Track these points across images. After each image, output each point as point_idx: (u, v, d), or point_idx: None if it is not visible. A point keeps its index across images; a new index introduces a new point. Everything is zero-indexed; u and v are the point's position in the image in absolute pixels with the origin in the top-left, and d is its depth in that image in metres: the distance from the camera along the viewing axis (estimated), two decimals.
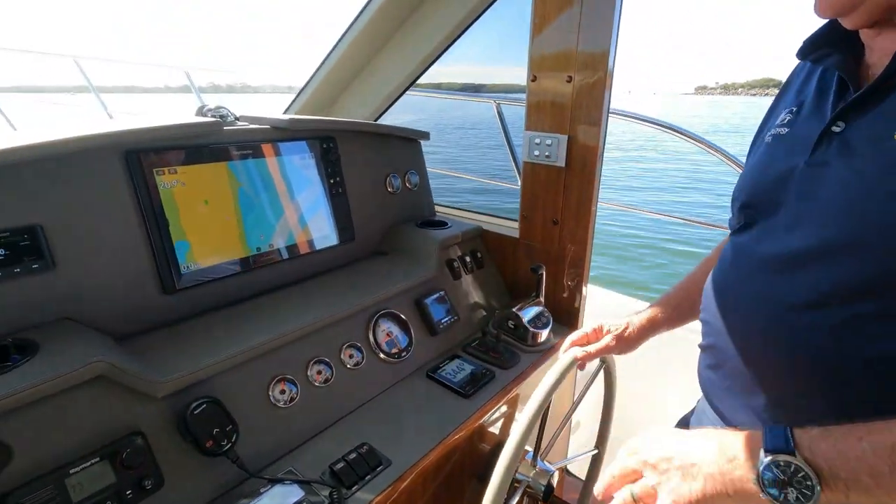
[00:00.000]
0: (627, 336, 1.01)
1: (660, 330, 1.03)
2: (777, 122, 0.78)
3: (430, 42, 1.75)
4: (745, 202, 0.79)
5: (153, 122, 1.04)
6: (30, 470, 0.71)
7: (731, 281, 0.78)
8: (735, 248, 0.79)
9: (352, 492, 0.89)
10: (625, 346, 1.02)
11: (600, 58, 1.26)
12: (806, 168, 0.67)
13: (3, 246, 0.84)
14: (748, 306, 0.72)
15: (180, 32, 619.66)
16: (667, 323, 1.02)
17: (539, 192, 1.48)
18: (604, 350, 1.00)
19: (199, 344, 0.97)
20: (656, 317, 1.02)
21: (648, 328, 1.02)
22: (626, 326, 1.02)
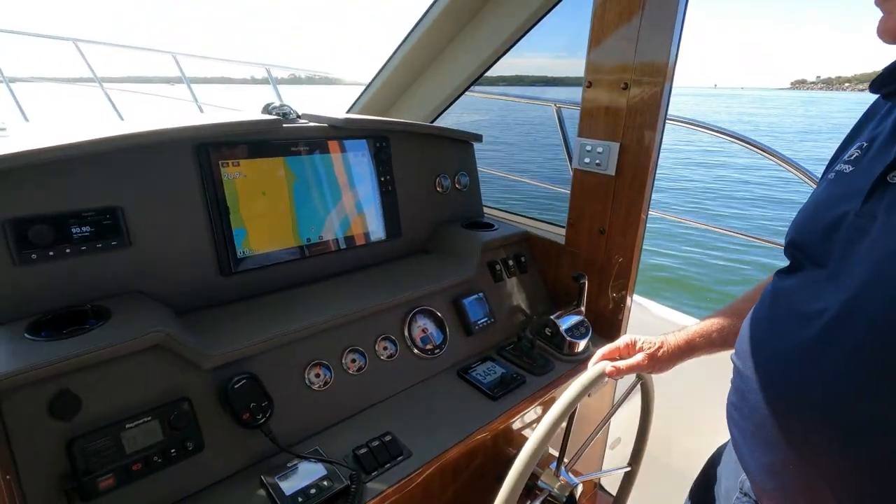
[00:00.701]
0: (660, 356, 0.97)
1: (696, 354, 0.98)
2: (845, 156, 0.72)
3: (488, 46, 1.77)
4: (793, 242, 0.74)
5: (222, 118, 1.14)
6: (94, 420, 0.81)
7: (765, 332, 0.74)
8: (775, 295, 0.75)
9: (371, 477, 0.93)
10: (656, 366, 0.98)
11: (659, 67, 1.22)
12: (855, 218, 0.63)
13: (90, 224, 0.96)
14: (778, 365, 0.69)
15: (270, 28, 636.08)
16: (705, 348, 0.97)
17: (587, 200, 1.46)
18: (634, 367, 0.97)
19: (246, 324, 1.05)
20: (694, 340, 0.97)
21: (685, 351, 0.98)
22: (661, 346, 0.98)
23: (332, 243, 1.33)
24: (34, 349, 0.80)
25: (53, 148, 0.90)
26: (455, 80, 1.89)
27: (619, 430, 2.02)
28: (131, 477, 0.81)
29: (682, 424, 2.06)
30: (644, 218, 1.37)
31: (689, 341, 0.98)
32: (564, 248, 1.56)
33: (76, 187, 0.95)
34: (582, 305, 1.44)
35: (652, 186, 1.34)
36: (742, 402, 0.76)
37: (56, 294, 0.93)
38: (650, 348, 0.98)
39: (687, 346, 0.97)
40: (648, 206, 1.36)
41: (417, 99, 2.02)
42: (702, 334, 0.97)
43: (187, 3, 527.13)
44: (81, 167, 0.95)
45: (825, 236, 0.67)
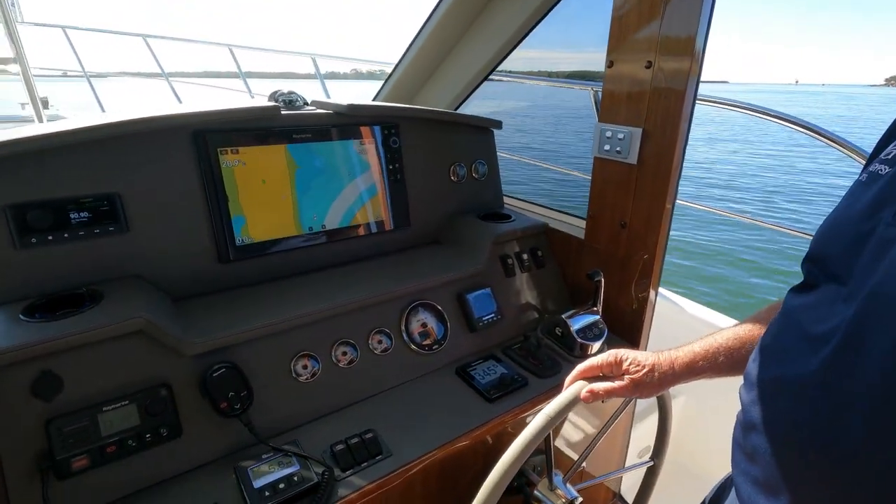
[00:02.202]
0: (647, 382, 0.84)
1: (700, 377, 0.85)
2: (883, 154, 0.60)
3: (508, 28, 1.67)
4: (812, 255, 0.63)
5: (219, 105, 1.14)
6: (73, 401, 0.84)
7: (770, 359, 0.63)
8: (786, 314, 0.63)
9: (345, 475, 0.90)
10: (643, 392, 0.85)
11: (686, 42, 1.09)
12: (885, 228, 0.52)
13: (87, 209, 0.99)
14: (783, 400, 0.58)
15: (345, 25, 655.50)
16: (709, 372, 0.84)
17: (608, 190, 1.34)
18: (614, 392, 0.84)
19: (237, 312, 1.05)
20: (696, 364, 0.84)
21: (681, 374, 0.84)
22: (650, 369, 0.84)
23: (335, 232, 1.31)
24: (23, 330, 0.83)
25: (51, 134, 0.93)
26: (477, 66, 1.81)
27: (644, 440, 1.90)
28: (105, 459, 0.83)
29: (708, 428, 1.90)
30: (669, 210, 1.24)
31: (688, 364, 0.84)
32: (584, 242, 1.45)
33: (75, 173, 0.98)
34: (598, 305, 1.33)
35: (678, 176, 1.21)
36: (746, 441, 0.65)
37: (55, 278, 0.97)
38: (636, 371, 0.84)
39: (685, 370, 0.84)
40: (674, 197, 1.23)
41: (442, 85, 1.95)
42: (706, 357, 0.83)
43: None
44: (80, 154, 0.98)
45: (849, 249, 0.56)
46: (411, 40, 1.88)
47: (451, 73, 1.93)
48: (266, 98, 1.29)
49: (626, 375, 0.85)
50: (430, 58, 1.89)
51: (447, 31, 1.79)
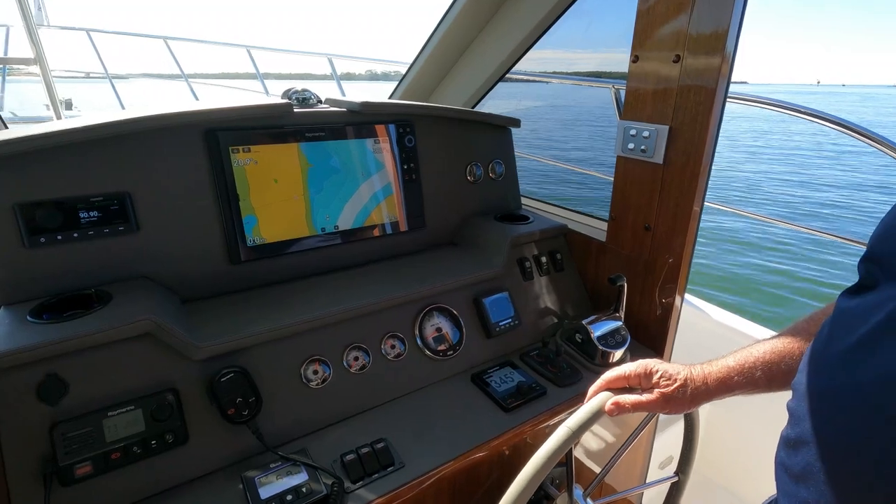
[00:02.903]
0: (679, 397, 0.78)
1: (734, 394, 0.79)
2: None
3: (525, 26, 1.62)
4: (871, 253, 0.57)
5: (231, 102, 1.11)
6: (78, 406, 0.81)
7: (826, 364, 0.57)
8: (839, 318, 0.57)
9: (355, 486, 0.87)
10: (673, 408, 0.79)
11: (717, 36, 1.03)
12: None
13: (97, 209, 0.97)
14: (837, 414, 0.52)
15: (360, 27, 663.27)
16: (746, 387, 0.78)
17: (631, 191, 1.28)
18: (642, 406, 0.79)
19: (248, 315, 1.02)
20: (731, 379, 0.78)
21: (715, 391, 0.78)
22: (683, 384, 0.78)
23: (348, 233, 1.27)
24: (30, 332, 0.81)
25: (61, 132, 0.91)
26: (494, 64, 1.76)
27: (668, 450, 1.83)
28: (109, 466, 0.80)
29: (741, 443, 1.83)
30: (697, 212, 1.18)
31: (723, 380, 0.78)
32: (606, 245, 1.40)
33: (85, 172, 0.96)
34: (620, 311, 1.28)
35: (707, 177, 1.15)
36: (794, 460, 0.59)
37: (63, 278, 0.95)
38: (667, 385, 0.78)
39: (718, 386, 0.78)
40: (703, 199, 1.17)
41: (457, 85, 1.92)
42: (742, 372, 0.77)
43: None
44: (90, 152, 0.96)
45: None
46: (427, 39, 1.84)
47: (467, 72, 1.89)
48: (280, 96, 1.26)
49: (655, 389, 0.79)
50: (446, 57, 1.85)
51: (463, 30, 1.76)
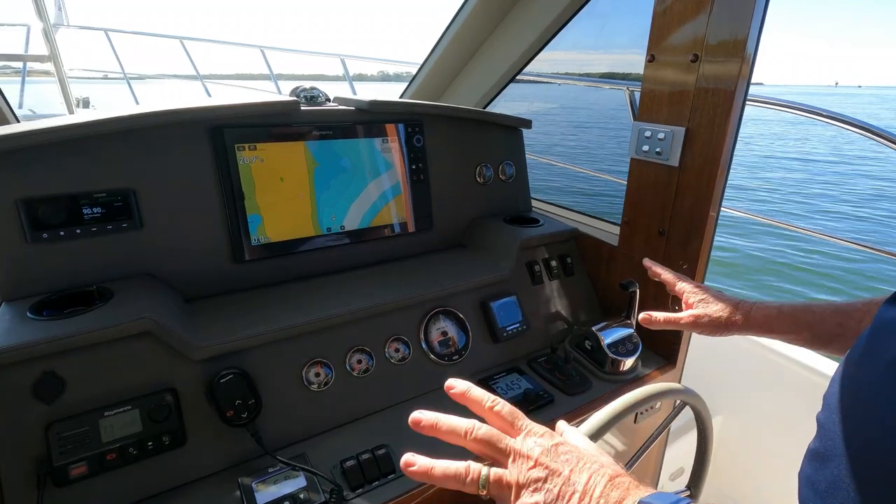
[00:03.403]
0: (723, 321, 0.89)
1: (774, 336, 0.86)
2: None
3: (537, 27, 1.60)
4: None
5: (237, 99, 1.10)
6: (74, 405, 0.80)
7: (860, 377, 0.53)
8: (878, 329, 0.52)
9: (355, 494, 0.84)
10: (706, 329, 0.91)
11: (737, 37, 0.99)
12: None
13: (101, 205, 0.96)
14: (875, 432, 0.48)
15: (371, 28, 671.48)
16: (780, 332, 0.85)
17: (645, 194, 1.25)
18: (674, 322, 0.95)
19: (250, 315, 1.01)
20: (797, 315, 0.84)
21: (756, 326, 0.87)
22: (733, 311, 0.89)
23: (355, 234, 1.25)
24: (28, 328, 0.80)
25: (64, 127, 0.90)
26: (506, 64, 1.73)
27: (681, 460, 1.78)
28: (104, 467, 0.79)
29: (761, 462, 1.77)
30: (714, 217, 1.14)
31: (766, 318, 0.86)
32: (618, 250, 1.36)
33: (89, 168, 0.95)
34: (632, 318, 1.24)
35: (725, 181, 1.11)
36: (820, 474, 0.55)
37: (66, 274, 0.94)
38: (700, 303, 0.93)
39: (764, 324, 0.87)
40: (720, 204, 1.13)
41: (468, 85, 1.89)
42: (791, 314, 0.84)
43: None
44: (94, 147, 0.95)
45: None
46: (438, 39, 1.82)
47: (478, 73, 1.87)
48: (288, 94, 1.25)
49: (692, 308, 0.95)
50: (457, 57, 1.83)
51: (474, 30, 1.73)
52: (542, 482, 0.48)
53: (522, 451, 0.51)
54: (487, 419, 0.56)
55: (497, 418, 0.55)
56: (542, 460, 0.49)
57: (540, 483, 0.48)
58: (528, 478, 0.49)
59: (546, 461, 0.49)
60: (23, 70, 4.74)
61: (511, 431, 0.54)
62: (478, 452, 0.53)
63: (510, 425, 0.54)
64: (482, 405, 0.57)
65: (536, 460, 0.50)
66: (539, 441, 0.52)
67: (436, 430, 0.54)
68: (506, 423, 0.55)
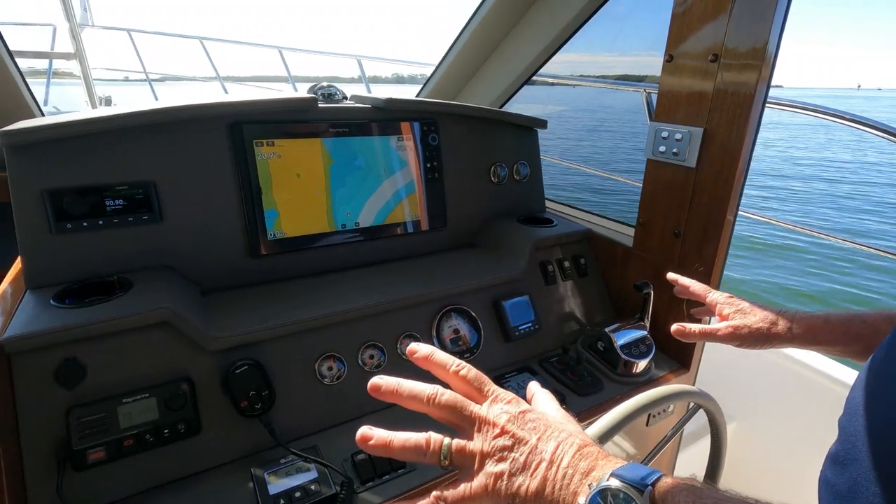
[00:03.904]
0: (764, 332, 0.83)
1: (820, 348, 0.82)
2: None
3: (553, 28, 1.59)
4: None
5: (256, 95, 1.12)
6: (94, 391, 0.82)
7: (883, 381, 0.52)
8: None
9: (365, 487, 0.85)
10: (746, 342, 0.85)
11: (758, 36, 0.98)
12: None
13: (123, 197, 0.98)
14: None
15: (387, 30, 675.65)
16: (827, 343, 0.80)
17: (661, 196, 1.24)
18: (711, 334, 0.87)
19: (265, 308, 1.02)
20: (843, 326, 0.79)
21: (800, 337, 0.81)
22: (774, 321, 0.83)
23: (369, 231, 1.26)
24: (51, 315, 0.82)
25: (89, 120, 0.93)
26: (522, 64, 1.74)
27: (693, 466, 1.75)
28: (122, 452, 0.80)
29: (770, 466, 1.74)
30: (731, 220, 1.13)
31: (810, 328, 0.81)
32: (632, 251, 1.35)
33: (112, 161, 0.97)
34: (646, 319, 1.23)
35: (743, 182, 1.10)
36: (840, 478, 0.54)
37: (88, 264, 0.96)
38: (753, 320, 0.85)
39: (807, 332, 0.81)
40: (737, 206, 1.12)
41: (483, 86, 1.89)
42: (833, 327, 0.79)
43: None
44: (117, 141, 0.97)
45: None
46: (454, 40, 1.83)
47: (493, 73, 1.87)
48: (306, 92, 1.26)
49: (724, 322, 0.88)
50: (473, 58, 1.83)
51: (490, 31, 1.74)
52: (508, 451, 0.46)
53: (488, 417, 0.48)
54: (452, 384, 0.53)
55: (462, 383, 0.52)
56: (509, 428, 0.47)
57: (506, 452, 0.46)
58: (493, 446, 0.47)
59: (512, 429, 0.47)
60: (48, 68, 4.86)
61: (477, 397, 0.51)
62: (441, 420, 0.50)
63: (477, 391, 0.52)
64: (447, 369, 0.53)
65: (503, 428, 0.47)
66: (506, 408, 0.49)
67: (397, 396, 0.50)
68: (472, 388, 0.52)
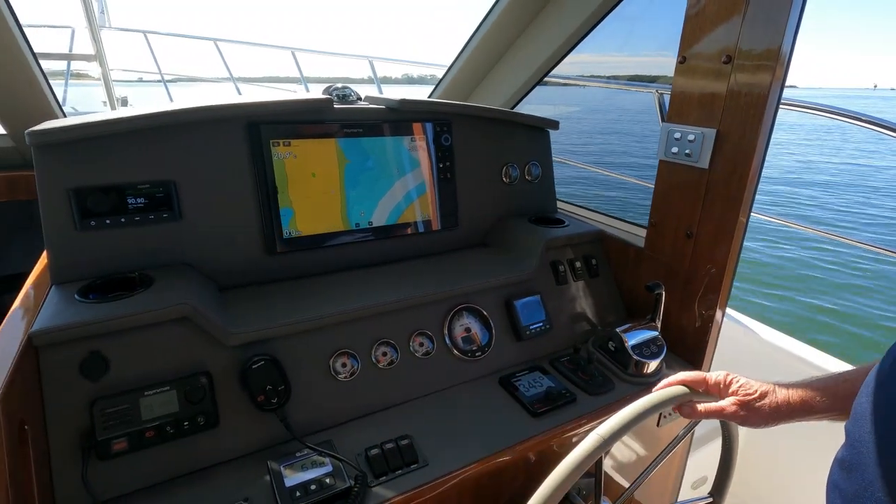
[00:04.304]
0: (758, 408, 0.78)
1: (811, 418, 0.77)
2: None
3: (566, 29, 1.60)
4: None
5: (273, 96, 1.14)
6: (117, 384, 0.84)
7: (888, 388, 0.53)
8: None
9: (378, 482, 0.86)
10: (750, 420, 0.79)
11: (772, 37, 0.98)
12: None
13: (144, 195, 1.01)
14: None
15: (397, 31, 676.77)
16: (827, 413, 0.76)
17: (673, 196, 1.24)
18: (717, 413, 0.80)
19: (281, 305, 1.04)
20: (814, 402, 0.76)
21: (797, 411, 0.77)
22: (763, 395, 0.78)
23: (382, 230, 1.28)
24: (76, 310, 0.84)
25: (113, 121, 0.95)
26: (534, 65, 1.74)
27: (704, 469, 1.75)
28: (143, 443, 0.82)
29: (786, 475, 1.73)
30: (744, 221, 1.13)
31: (806, 401, 0.77)
32: (643, 252, 1.35)
33: (133, 160, 1.00)
34: (657, 320, 1.23)
35: (756, 184, 1.10)
36: (848, 482, 0.55)
37: (110, 260, 0.99)
38: (748, 395, 0.79)
39: (802, 407, 0.77)
40: (750, 207, 1.12)
41: (495, 87, 1.91)
42: (829, 395, 0.76)
43: None
44: (139, 141, 1.00)
45: None
46: (466, 41, 1.84)
47: (505, 74, 1.88)
48: (321, 93, 1.28)
49: (733, 396, 0.80)
50: (485, 59, 1.84)
51: (504, 32, 1.75)
52: None
53: None
54: None
55: None
56: None
57: None
58: None
59: None
60: (66, 70, 4.95)
61: None
62: None
63: None
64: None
65: None
66: None
67: None
68: None
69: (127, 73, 6.76)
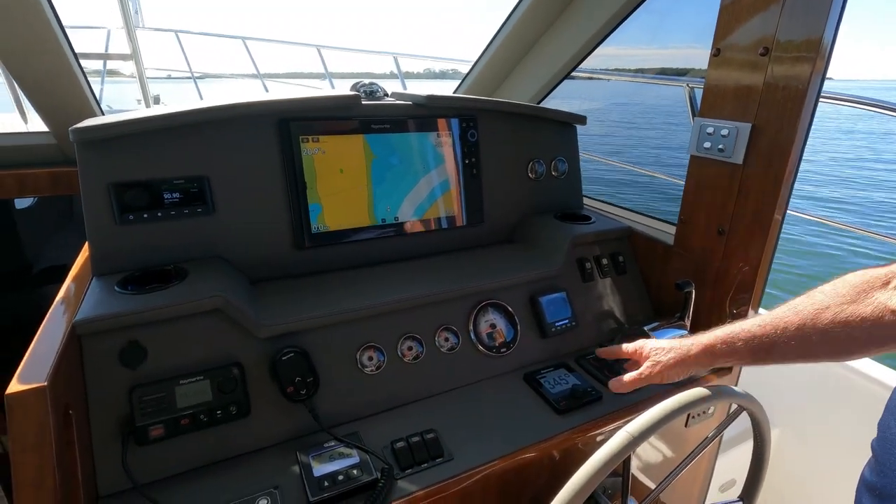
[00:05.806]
0: (665, 363, 0.91)
1: (719, 362, 0.88)
2: None
3: (596, 22, 1.57)
4: None
5: (302, 93, 1.15)
6: (154, 372, 0.87)
7: None
8: None
9: (404, 474, 0.87)
10: (666, 374, 0.91)
11: (813, 28, 0.95)
12: None
13: (179, 190, 1.04)
14: None
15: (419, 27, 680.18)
16: (729, 356, 0.85)
17: (705, 192, 1.21)
18: (640, 378, 0.93)
19: (309, 299, 1.06)
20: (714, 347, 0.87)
21: (699, 356, 0.88)
22: (668, 350, 0.92)
23: (408, 225, 1.29)
24: (116, 300, 0.88)
25: (150, 118, 0.98)
26: (562, 59, 1.72)
27: (733, 471, 1.71)
28: (179, 430, 0.85)
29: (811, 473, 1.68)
30: (779, 219, 1.09)
31: (707, 348, 0.87)
32: (673, 249, 1.33)
33: (170, 156, 1.03)
34: (686, 319, 1.21)
35: (793, 180, 1.07)
36: (884, 485, 0.53)
37: (147, 253, 1.02)
38: (656, 354, 0.93)
39: (703, 352, 0.87)
40: (786, 204, 1.08)
41: (522, 82, 1.89)
42: (726, 340, 0.85)
43: None
44: (174, 137, 1.03)
45: None
46: (492, 36, 1.83)
47: (532, 69, 1.86)
48: (348, 89, 1.29)
49: (647, 360, 0.93)
50: (511, 54, 1.83)
51: (530, 26, 1.73)
52: None
53: None
54: None
55: None
56: None
57: None
58: None
59: None
60: (103, 69, 5.12)
61: None
62: None
63: None
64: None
65: None
66: None
67: None
68: None
69: (158, 70, 6.95)
